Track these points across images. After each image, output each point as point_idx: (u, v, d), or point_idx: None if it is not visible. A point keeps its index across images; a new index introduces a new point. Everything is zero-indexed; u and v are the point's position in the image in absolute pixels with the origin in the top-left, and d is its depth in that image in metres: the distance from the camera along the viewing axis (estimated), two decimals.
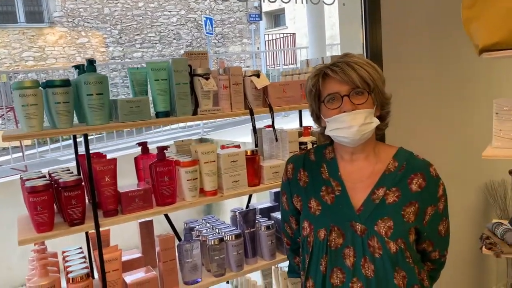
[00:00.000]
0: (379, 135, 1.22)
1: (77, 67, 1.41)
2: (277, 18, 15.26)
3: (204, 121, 7.79)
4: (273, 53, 11.79)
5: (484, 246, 1.73)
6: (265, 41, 12.77)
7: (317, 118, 1.22)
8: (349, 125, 1.08)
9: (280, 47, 12.43)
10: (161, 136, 6.72)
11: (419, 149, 1.27)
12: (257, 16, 11.81)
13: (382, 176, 1.14)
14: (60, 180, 1.31)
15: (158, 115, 1.45)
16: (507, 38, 1.50)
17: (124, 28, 10.14)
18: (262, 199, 2.12)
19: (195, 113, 1.49)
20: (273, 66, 11.15)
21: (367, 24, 2.16)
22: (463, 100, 2.66)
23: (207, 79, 1.47)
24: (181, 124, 7.83)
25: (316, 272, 1.15)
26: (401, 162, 1.15)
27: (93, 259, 1.59)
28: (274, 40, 12.99)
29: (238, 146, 1.74)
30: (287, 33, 12.91)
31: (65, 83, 1.27)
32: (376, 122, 1.12)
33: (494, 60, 2.56)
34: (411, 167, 1.14)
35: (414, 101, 2.40)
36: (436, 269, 1.27)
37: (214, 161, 1.55)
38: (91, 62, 1.33)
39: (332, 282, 1.12)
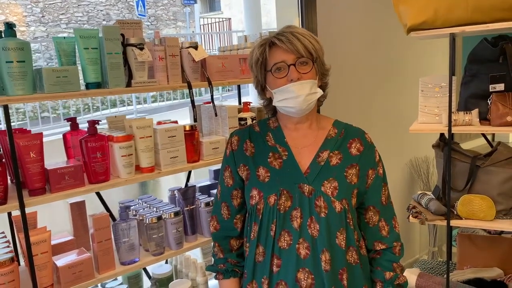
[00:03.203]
0: (320, 105, 1.26)
1: None
2: (212, 2, 15.02)
3: (138, 105, 7.53)
4: (209, 36, 11.62)
5: (411, 215, 1.84)
6: (200, 25, 12.54)
7: (262, 89, 1.23)
8: (296, 95, 1.11)
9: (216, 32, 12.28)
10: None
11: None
12: None
13: (325, 140, 1.20)
14: None
15: (88, 86, 1.36)
16: (432, 18, 1.59)
17: (47, 6, 9.40)
18: (200, 178, 2.09)
19: (129, 85, 1.42)
20: (209, 50, 11.00)
21: (303, 10, 2.20)
22: (394, 82, 2.81)
23: (141, 49, 1.40)
24: (113, 109, 7.50)
25: (266, 238, 1.16)
26: (340, 129, 1.23)
27: (18, 244, 1.47)
28: (209, 25, 12.80)
29: (175, 122, 1.69)
30: (222, 18, 12.77)
31: None
32: (320, 92, 1.16)
33: (423, 41, 2.72)
34: (349, 133, 1.23)
35: (348, 84, 2.49)
36: (387, 252, 1.22)
37: (151, 136, 1.49)
38: (10, 26, 1.20)
39: (280, 245, 1.14)
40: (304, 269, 1.12)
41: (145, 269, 1.82)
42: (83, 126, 1.55)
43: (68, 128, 1.55)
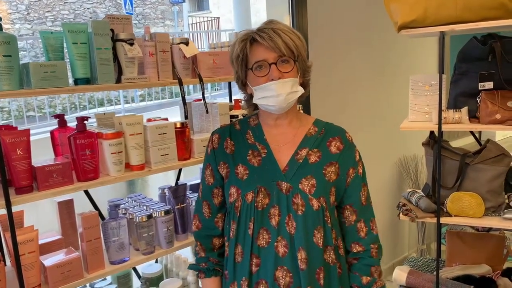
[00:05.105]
0: (300, 102, 1.25)
1: None
2: (200, 1, 14.94)
3: (126, 104, 7.45)
4: (198, 35, 11.56)
5: (401, 213, 1.85)
6: (189, 24, 12.48)
7: (242, 85, 1.22)
8: (277, 94, 1.10)
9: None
10: None
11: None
12: None
13: (304, 138, 1.19)
14: None
15: (77, 82, 1.33)
16: (422, 16, 1.60)
17: (32, 3, 9.25)
18: (189, 176, 2.07)
19: (118, 81, 1.39)
20: (198, 49, 10.92)
21: (293, 8, 2.19)
22: (384, 80, 2.82)
23: (131, 44, 1.38)
24: (101, 108, 7.41)
25: (244, 237, 1.15)
26: (320, 127, 1.22)
27: (4, 244, 1.43)
28: (198, 24, 12.74)
29: (166, 119, 1.67)
30: (211, 17, 12.72)
31: None
32: (301, 90, 1.16)
33: (413, 39, 2.74)
34: (329, 132, 1.22)
35: (338, 82, 2.49)
36: (364, 255, 1.21)
37: (141, 133, 1.47)
38: None
39: (259, 243, 1.13)
40: (283, 267, 1.11)
41: (134, 269, 1.80)
42: (70, 125, 1.52)
43: (55, 126, 1.52)
